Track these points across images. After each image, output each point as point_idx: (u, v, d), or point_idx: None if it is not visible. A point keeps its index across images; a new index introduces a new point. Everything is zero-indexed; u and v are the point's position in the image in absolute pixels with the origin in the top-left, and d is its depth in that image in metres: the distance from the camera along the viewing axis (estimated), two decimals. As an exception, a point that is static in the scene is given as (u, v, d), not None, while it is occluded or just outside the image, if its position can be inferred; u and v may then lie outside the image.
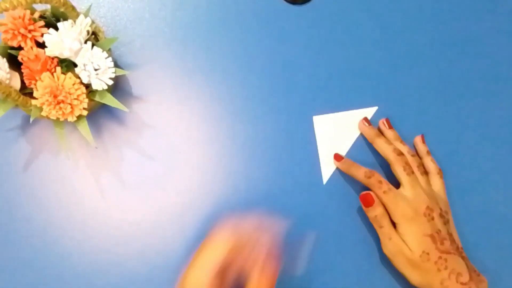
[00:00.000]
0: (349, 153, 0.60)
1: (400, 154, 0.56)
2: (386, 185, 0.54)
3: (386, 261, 0.57)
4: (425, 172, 0.57)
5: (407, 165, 0.55)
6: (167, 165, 0.59)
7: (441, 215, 0.54)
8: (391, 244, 0.54)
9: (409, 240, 0.53)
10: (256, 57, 0.60)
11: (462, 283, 0.51)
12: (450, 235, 0.54)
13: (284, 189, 0.58)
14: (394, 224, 0.55)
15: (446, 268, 0.51)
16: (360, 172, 0.56)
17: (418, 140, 0.60)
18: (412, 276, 0.53)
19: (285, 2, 0.61)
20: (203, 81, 0.60)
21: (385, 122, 0.59)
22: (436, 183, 0.57)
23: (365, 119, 0.59)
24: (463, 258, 0.53)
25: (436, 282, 0.52)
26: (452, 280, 0.51)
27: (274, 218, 0.57)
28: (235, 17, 0.61)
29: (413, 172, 0.55)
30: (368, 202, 0.55)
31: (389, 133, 0.59)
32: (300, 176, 0.59)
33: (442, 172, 0.58)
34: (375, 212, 0.55)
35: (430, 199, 0.54)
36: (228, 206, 0.58)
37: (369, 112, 0.60)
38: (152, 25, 0.60)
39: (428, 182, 0.57)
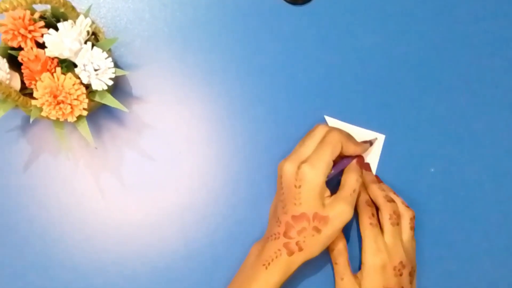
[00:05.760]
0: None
1: (391, 201, 0.54)
2: (375, 220, 0.54)
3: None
4: (413, 228, 0.55)
5: (394, 214, 0.54)
6: (167, 165, 0.59)
7: (410, 274, 0.53)
8: (342, 285, 0.53)
9: (367, 285, 0.52)
10: (256, 57, 0.60)
11: None
12: None
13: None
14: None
15: None
16: (363, 195, 0.55)
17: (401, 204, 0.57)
18: None
19: (285, 2, 0.61)
20: (203, 81, 0.60)
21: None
22: (414, 243, 0.56)
23: (367, 165, 0.59)
24: None
25: None
26: None
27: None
28: (235, 18, 0.61)
29: (398, 224, 0.54)
30: None
31: (384, 185, 0.58)
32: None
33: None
34: (334, 247, 0.54)
35: (407, 255, 0.53)
36: (228, 206, 0.58)
37: (378, 136, 0.60)
38: (152, 26, 0.60)
39: (413, 238, 0.55)
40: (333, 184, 0.56)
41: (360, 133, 0.59)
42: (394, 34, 0.61)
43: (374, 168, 0.59)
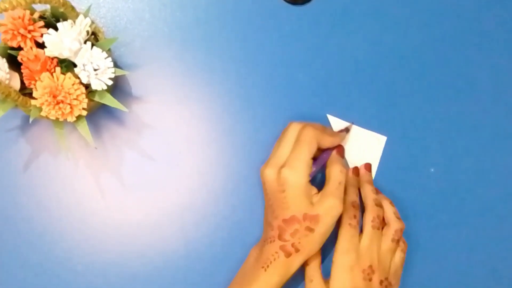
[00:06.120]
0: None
1: (379, 205, 0.54)
2: (355, 222, 0.53)
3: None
4: (399, 241, 0.54)
5: (377, 218, 0.53)
6: (167, 165, 0.59)
7: (381, 282, 0.51)
8: (311, 287, 0.53)
9: (334, 285, 0.51)
10: (256, 57, 0.60)
11: None
12: None
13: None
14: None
15: None
16: (351, 194, 0.55)
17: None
18: None
19: (285, 2, 0.61)
20: (203, 81, 0.60)
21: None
22: (397, 258, 0.54)
23: (368, 165, 0.58)
24: None
25: None
26: None
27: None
28: (235, 17, 0.61)
29: (379, 228, 0.53)
30: None
31: (381, 195, 0.57)
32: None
33: (406, 247, 0.55)
34: None
35: (379, 262, 0.52)
36: (228, 206, 0.58)
37: (379, 138, 0.60)
38: (152, 26, 0.60)
39: (395, 252, 0.54)
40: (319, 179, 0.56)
41: (362, 134, 0.59)
42: (393, 34, 0.61)
43: (374, 169, 0.59)
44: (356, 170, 0.58)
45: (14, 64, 0.50)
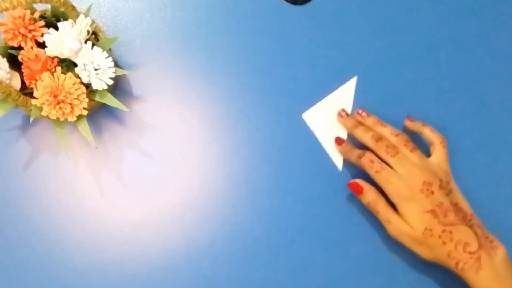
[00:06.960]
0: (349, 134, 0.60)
1: (379, 139, 0.55)
2: (378, 164, 0.53)
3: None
4: (415, 148, 0.54)
5: (388, 148, 0.54)
6: (167, 165, 0.59)
7: (441, 187, 0.52)
8: (391, 227, 0.53)
9: (409, 219, 0.52)
10: (256, 57, 0.60)
11: (470, 252, 0.50)
12: (455, 205, 0.52)
13: (285, 188, 0.58)
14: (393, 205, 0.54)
15: (451, 240, 0.51)
16: (353, 155, 0.56)
17: (407, 123, 0.58)
18: (421, 252, 0.53)
19: (285, 2, 0.61)
20: (203, 81, 0.60)
21: (360, 112, 0.59)
22: (438, 153, 0.55)
23: (342, 110, 0.59)
24: (471, 226, 0.52)
25: (443, 255, 0.51)
26: (459, 251, 0.50)
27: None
28: (235, 17, 0.61)
29: (398, 153, 0.53)
30: (357, 190, 0.55)
31: (368, 120, 0.58)
32: (302, 175, 0.59)
33: (445, 141, 0.56)
34: (367, 199, 0.55)
35: (426, 173, 0.52)
36: (228, 206, 0.58)
37: (350, 85, 0.60)
38: (153, 25, 0.60)
39: (421, 156, 0.54)
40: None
41: (335, 97, 0.60)
42: (392, 32, 0.61)
43: (349, 110, 0.60)
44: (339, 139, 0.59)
45: (15, 63, 0.50)
